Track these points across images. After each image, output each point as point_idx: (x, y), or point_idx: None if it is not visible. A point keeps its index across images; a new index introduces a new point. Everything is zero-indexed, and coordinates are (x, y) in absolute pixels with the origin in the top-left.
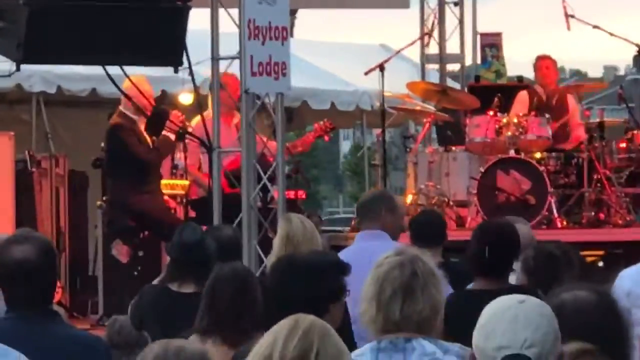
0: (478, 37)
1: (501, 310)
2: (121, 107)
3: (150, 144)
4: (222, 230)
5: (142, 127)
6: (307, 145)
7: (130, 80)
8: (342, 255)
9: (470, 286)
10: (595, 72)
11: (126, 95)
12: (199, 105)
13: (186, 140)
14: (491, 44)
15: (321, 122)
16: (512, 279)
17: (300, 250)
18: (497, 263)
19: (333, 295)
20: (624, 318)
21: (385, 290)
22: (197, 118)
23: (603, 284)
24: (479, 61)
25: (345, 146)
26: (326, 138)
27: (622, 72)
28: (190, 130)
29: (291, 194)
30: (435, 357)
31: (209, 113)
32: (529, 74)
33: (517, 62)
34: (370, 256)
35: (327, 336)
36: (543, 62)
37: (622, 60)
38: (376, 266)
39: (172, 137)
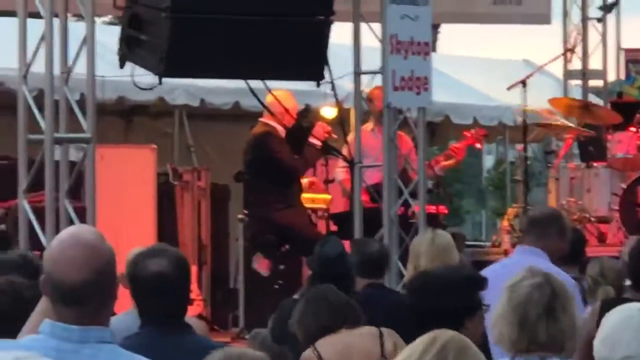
0: (622, 52)
1: (625, 319)
2: (263, 119)
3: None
4: (369, 244)
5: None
6: (460, 156)
7: (273, 96)
8: (496, 267)
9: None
10: None
11: (269, 111)
12: (342, 119)
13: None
14: (635, 60)
15: (472, 130)
16: None
17: (425, 265)
18: None
19: (468, 310)
20: None
21: (529, 313)
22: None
23: None
24: (622, 77)
25: (488, 161)
26: (479, 146)
27: None
28: (335, 143)
29: (432, 209)
30: None
31: (366, 126)
32: None
33: None
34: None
35: (464, 350)
36: None
37: None
38: (511, 289)
39: (319, 146)
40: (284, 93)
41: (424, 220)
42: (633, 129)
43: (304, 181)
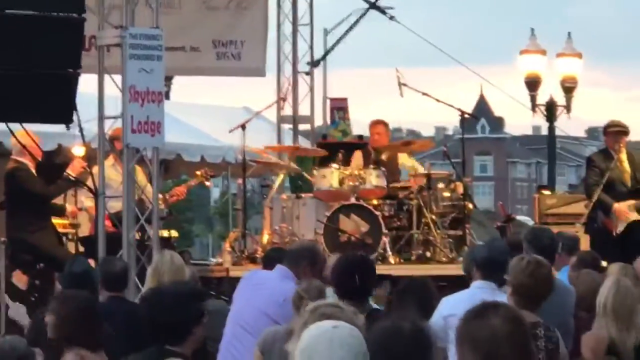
0: (327, 101)
1: (318, 334)
2: (14, 156)
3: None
4: (112, 262)
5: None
6: (183, 193)
7: (14, 136)
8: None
9: None
10: (428, 131)
11: (23, 146)
12: (89, 156)
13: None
14: (339, 107)
15: (202, 170)
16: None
17: (167, 280)
18: (366, 288)
19: (195, 319)
20: (428, 345)
21: None
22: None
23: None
24: (328, 122)
25: (214, 193)
26: (208, 184)
27: (450, 132)
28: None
29: (165, 233)
30: None
31: (108, 162)
32: None
33: (363, 123)
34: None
35: None
36: (374, 129)
37: (451, 122)
38: None
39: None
40: (23, 133)
41: (157, 242)
42: (335, 165)
43: (63, 208)
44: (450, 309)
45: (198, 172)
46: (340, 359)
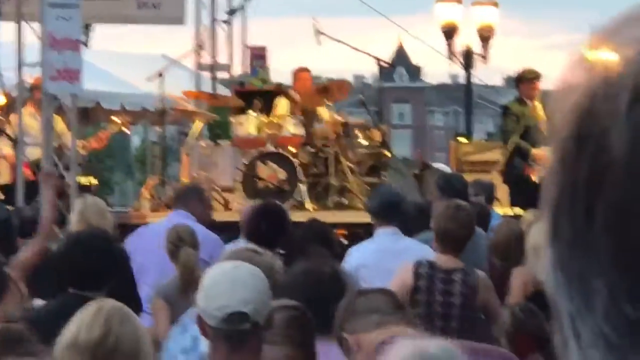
0: (247, 50)
1: (219, 274)
2: None
3: None
4: (24, 211)
5: None
6: (103, 142)
7: None
8: (153, 226)
9: None
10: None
11: None
12: (8, 105)
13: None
14: (258, 56)
15: (121, 117)
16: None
17: (93, 225)
18: (273, 235)
19: (115, 266)
20: (341, 287)
21: None
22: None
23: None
24: (248, 70)
25: (134, 140)
26: (127, 131)
27: (369, 81)
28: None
29: (84, 180)
30: None
31: (27, 110)
32: (290, 81)
33: (281, 71)
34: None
35: (127, 320)
36: (300, 74)
37: (369, 71)
38: None
39: None
40: None
41: (75, 189)
42: (253, 113)
43: None
44: (360, 259)
45: (117, 119)
46: (241, 299)
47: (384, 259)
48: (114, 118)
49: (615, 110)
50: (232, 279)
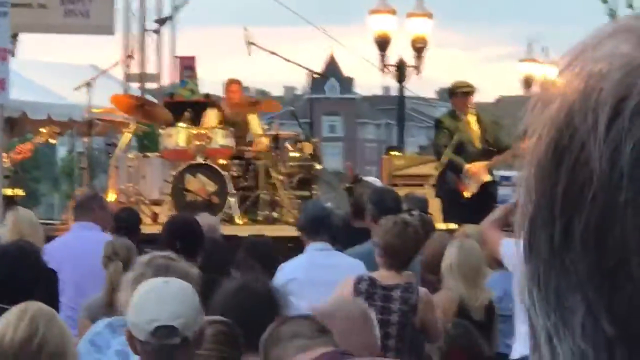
0: (176, 60)
1: (150, 289)
2: None
3: None
4: None
5: None
6: (29, 151)
7: None
8: (60, 240)
9: None
10: (277, 91)
11: None
12: None
13: None
14: (187, 66)
15: (47, 128)
16: None
17: (25, 237)
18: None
19: (38, 279)
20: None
21: None
22: None
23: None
24: (177, 80)
25: (60, 151)
26: (53, 141)
27: (299, 92)
28: None
29: (9, 192)
30: None
31: None
32: (219, 91)
33: (211, 82)
34: (84, 243)
35: (52, 321)
36: (231, 86)
37: (300, 82)
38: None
39: None
40: None
41: (1, 201)
42: (182, 124)
43: None
44: (290, 274)
45: (43, 130)
46: (170, 314)
47: (315, 273)
48: (41, 129)
49: (594, 126)
50: (162, 293)
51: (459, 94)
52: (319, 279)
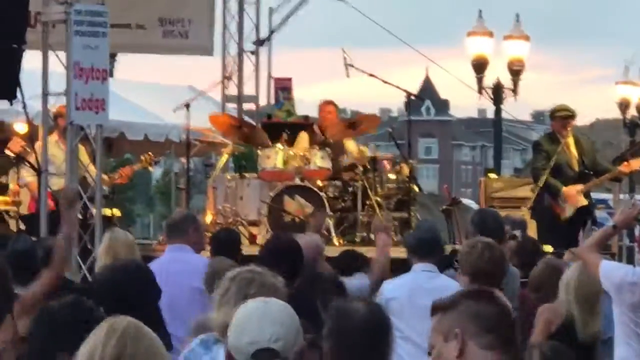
0: (272, 81)
1: (250, 310)
2: None
3: None
4: (49, 241)
5: None
6: (126, 179)
7: None
8: (156, 262)
9: None
10: (373, 113)
11: None
12: (31, 133)
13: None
14: (283, 87)
15: (147, 155)
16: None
17: (122, 257)
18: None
19: (155, 297)
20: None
21: None
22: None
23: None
24: (272, 102)
25: (156, 172)
26: (151, 169)
27: (395, 114)
28: (30, 155)
29: (107, 212)
30: None
31: (51, 138)
32: (313, 113)
33: (307, 103)
34: (176, 265)
35: (141, 337)
36: (326, 107)
37: (395, 104)
38: None
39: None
40: None
41: (100, 221)
42: (280, 146)
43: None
44: (392, 292)
45: (143, 157)
46: (271, 335)
47: (416, 296)
48: (141, 157)
49: None
50: (261, 315)
51: (558, 117)
52: (418, 301)
